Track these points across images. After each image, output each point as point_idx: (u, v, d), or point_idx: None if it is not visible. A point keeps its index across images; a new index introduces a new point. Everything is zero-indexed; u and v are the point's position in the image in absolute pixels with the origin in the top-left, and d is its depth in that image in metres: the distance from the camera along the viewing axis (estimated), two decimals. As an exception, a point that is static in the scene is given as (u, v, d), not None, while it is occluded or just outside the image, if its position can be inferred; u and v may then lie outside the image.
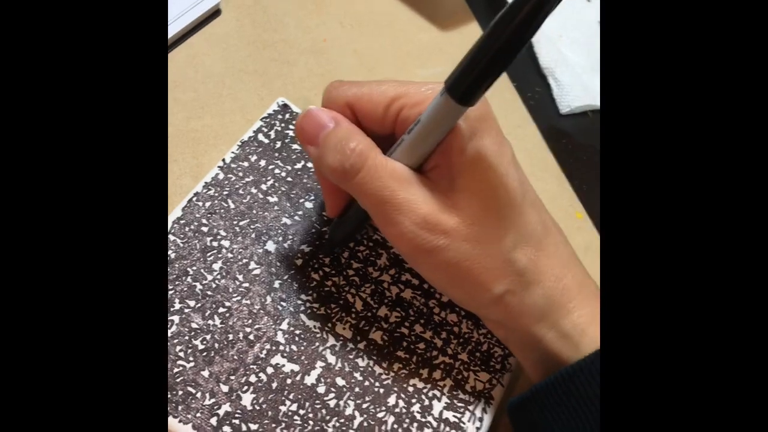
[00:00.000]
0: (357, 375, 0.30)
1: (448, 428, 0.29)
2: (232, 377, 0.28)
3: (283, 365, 0.29)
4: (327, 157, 0.26)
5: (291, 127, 0.36)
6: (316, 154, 0.27)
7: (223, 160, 0.34)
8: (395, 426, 0.29)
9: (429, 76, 0.43)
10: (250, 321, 0.30)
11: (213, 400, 0.28)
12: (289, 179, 0.34)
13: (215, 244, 0.31)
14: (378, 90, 0.27)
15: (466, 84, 0.23)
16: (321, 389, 0.29)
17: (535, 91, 0.46)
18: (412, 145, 0.26)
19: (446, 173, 0.26)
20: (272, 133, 0.35)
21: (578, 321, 0.27)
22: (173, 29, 0.39)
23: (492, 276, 0.26)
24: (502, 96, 0.45)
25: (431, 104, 0.25)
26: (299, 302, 0.31)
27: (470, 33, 0.46)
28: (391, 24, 0.45)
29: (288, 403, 0.28)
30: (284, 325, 0.30)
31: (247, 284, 0.31)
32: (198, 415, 0.27)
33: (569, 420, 0.26)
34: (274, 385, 0.29)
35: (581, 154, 0.44)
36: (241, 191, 0.33)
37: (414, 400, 0.30)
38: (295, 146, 0.35)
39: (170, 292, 0.29)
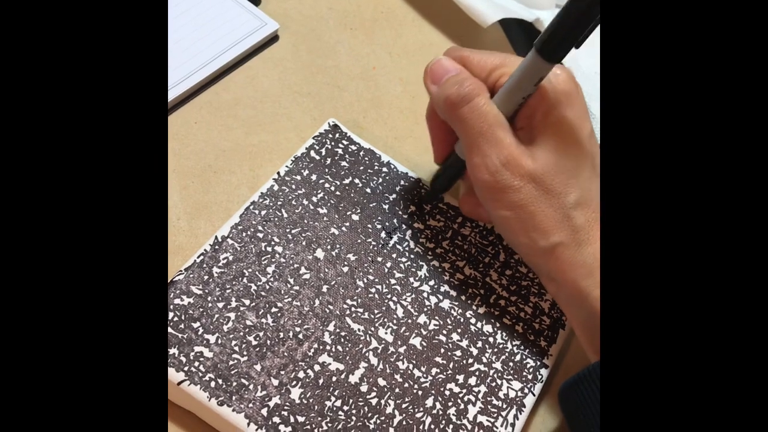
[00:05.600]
0: (397, 377, 0.32)
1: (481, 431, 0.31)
2: (282, 372, 0.30)
3: (329, 364, 0.31)
4: (445, 90, 0.31)
5: (341, 145, 0.38)
6: (436, 91, 0.32)
7: (278, 173, 0.36)
8: (432, 427, 0.31)
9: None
10: (299, 321, 0.32)
11: (264, 393, 0.30)
12: (337, 193, 0.36)
13: (269, 249, 0.34)
14: (487, 57, 0.32)
15: (550, 42, 0.28)
16: (364, 388, 0.31)
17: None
18: (504, 94, 0.31)
19: (530, 133, 0.30)
20: (323, 151, 0.38)
21: None
22: (235, 51, 0.42)
23: (551, 224, 0.30)
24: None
25: (523, 61, 0.29)
26: (345, 306, 0.33)
27: (509, 65, 0.49)
28: (436, 55, 0.48)
29: (333, 399, 0.30)
30: (331, 327, 0.32)
31: (297, 287, 0.33)
32: (250, 405, 0.29)
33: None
34: (321, 381, 0.31)
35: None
36: (293, 202, 0.35)
37: (450, 404, 0.31)
38: (343, 163, 0.38)
39: (227, 291, 0.32)
